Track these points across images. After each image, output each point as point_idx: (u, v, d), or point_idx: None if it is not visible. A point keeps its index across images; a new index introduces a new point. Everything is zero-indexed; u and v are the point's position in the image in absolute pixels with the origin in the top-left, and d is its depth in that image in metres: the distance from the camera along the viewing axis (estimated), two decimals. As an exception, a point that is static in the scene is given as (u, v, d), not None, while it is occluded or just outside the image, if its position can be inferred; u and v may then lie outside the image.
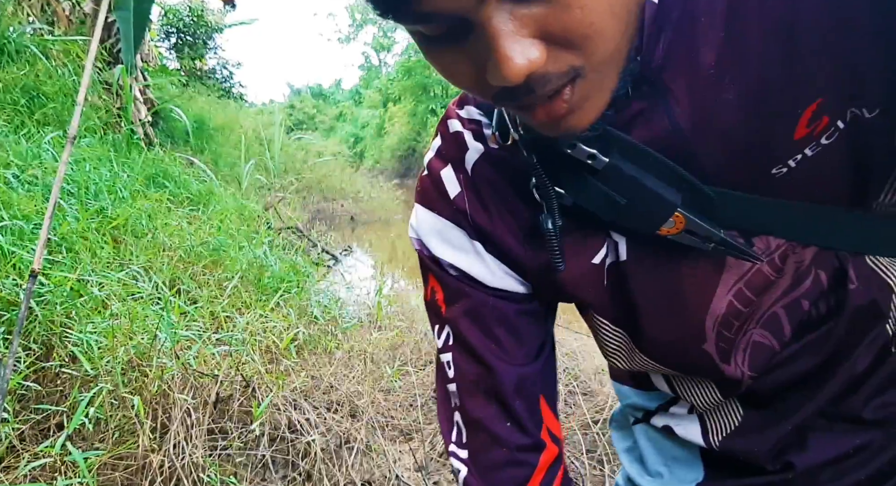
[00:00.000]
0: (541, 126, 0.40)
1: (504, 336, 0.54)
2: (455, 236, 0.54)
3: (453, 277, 0.55)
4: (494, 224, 0.53)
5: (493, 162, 0.53)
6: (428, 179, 0.56)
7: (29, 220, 2.16)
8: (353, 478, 1.90)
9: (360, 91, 37.33)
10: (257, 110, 15.23)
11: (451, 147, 0.55)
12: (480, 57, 0.34)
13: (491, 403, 0.55)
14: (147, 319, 2.00)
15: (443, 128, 0.56)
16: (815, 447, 0.52)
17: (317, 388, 2.24)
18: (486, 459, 0.55)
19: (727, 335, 0.51)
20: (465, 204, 0.54)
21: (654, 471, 0.65)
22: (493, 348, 0.54)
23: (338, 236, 7.15)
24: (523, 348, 0.55)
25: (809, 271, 0.48)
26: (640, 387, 0.65)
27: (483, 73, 0.35)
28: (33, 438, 1.65)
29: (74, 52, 4.12)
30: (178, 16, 11.09)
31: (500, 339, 0.54)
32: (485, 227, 0.53)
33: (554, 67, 0.34)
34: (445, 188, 0.54)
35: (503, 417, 0.54)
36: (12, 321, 1.71)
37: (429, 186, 0.56)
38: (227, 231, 3.39)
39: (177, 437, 1.70)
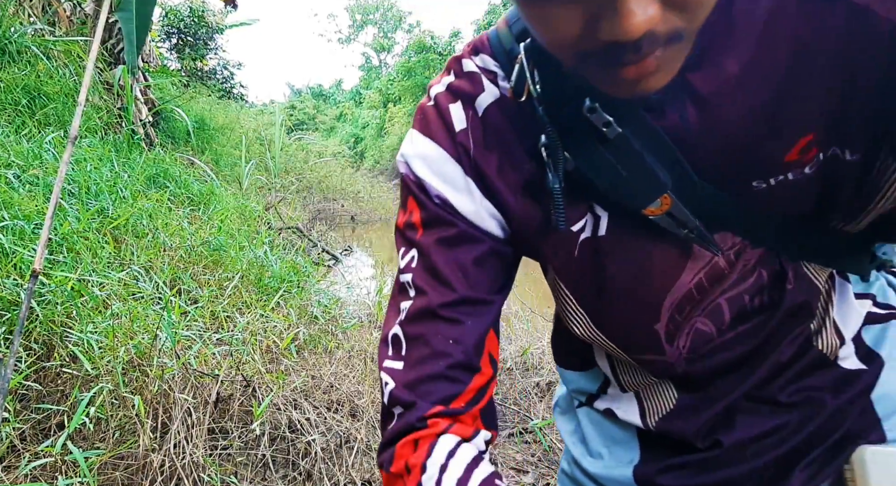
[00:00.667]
0: (617, 84, 0.40)
1: (471, 268, 0.54)
2: (450, 169, 0.55)
3: (436, 204, 0.55)
4: (492, 168, 0.54)
5: (505, 110, 0.53)
6: (433, 110, 0.56)
7: (30, 220, 2.16)
8: (354, 478, 1.90)
9: (360, 91, 37.34)
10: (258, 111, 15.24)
11: (465, 84, 0.55)
12: (596, 9, 0.36)
13: (440, 322, 0.54)
14: (148, 318, 2.00)
15: (456, 65, 0.56)
16: (741, 425, 0.57)
17: (317, 387, 2.24)
18: (419, 370, 0.53)
19: (678, 318, 0.55)
20: (468, 141, 0.54)
21: (595, 452, 0.68)
22: (459, 276, 0.54)
23: (338, 236, 7.15)
24: (487, 284, 0.55)
25: (754, 270, 0.53)
26: (584, 368, 0.69)
27: (590, 27, 0.36)
28: (34, 437, 1.65)
29: (75, 52, 4.13)
30: (179, 16, 11.10)
31: (467, 269, 0.54)
32: (483, 167, 0.54)
33: (663, 27, 0.36)
34: (452, 121, 0.55)
35: (449, 335, 0.53)
36: (13, 321, 1.71)
37: (433, 115, 0.56)
38: (228, 231, 3.39)
39: (177, 436, 1.71)
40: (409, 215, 0.57)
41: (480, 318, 0.55)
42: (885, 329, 0.59)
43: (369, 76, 37.66)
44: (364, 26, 39.02)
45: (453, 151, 0.55)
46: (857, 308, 0.57)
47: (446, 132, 0.55)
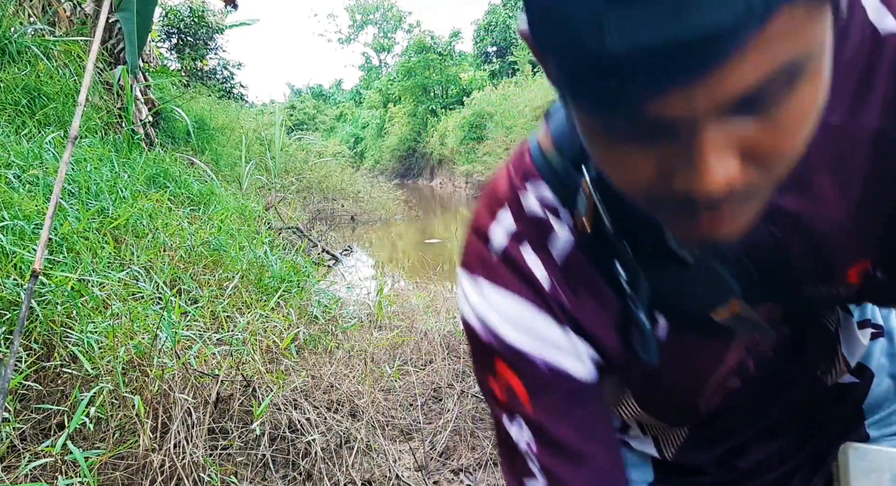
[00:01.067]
0: (690, 233, 0.37)
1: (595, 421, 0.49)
2: (542, 324, 0.48)
3: (541, 370, 0.47)
4: (588, 314, 0.49)
5: (583, 250, 0.48)
6: (499, 258, 0.48)
7: (30, 220, 2.16)
8: (354, 478, 1.90)
9: (360, 92, 37.33)
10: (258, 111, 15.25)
11: (532, 229, 0.48)
12: (671, 159, 0.32)
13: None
14: (148, 319, 2.00)
15: (514, 203, 0.49)
16: (756, 452, 0.61)
17: (317, 387, 2.24)
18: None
19: (716, 389, 0.56)
20: (558, 294, 0.48)
21: None
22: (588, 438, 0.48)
23: (338, 236, 7.15)
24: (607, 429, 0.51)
25: (777, 326, 0.52)
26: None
27: (666, 174, 0.33)
28: (34, 437, 1.65)
29: (75, 52, 4.13)
30: (179, 16, 11.10)
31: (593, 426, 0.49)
32: (580, 318, 0.49)
33: (742, 184, 0.32)
34: (529, 269, 0.48)
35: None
36: (13, 321, 1.71)
37: (499, 263, 0.48)
38: (228, 231, 3.39)
39: (177, 436, 1.71)
40: (506, 387, 0.49)
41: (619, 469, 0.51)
42: (873, 345, 0.62)
43: (369, 76, 37.65)
44: (364, 26, 39.01)
45: (540, 302, 0.48)
46: (860, 338, 0.58)
47: (524, 283, 0.48)
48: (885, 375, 0.63)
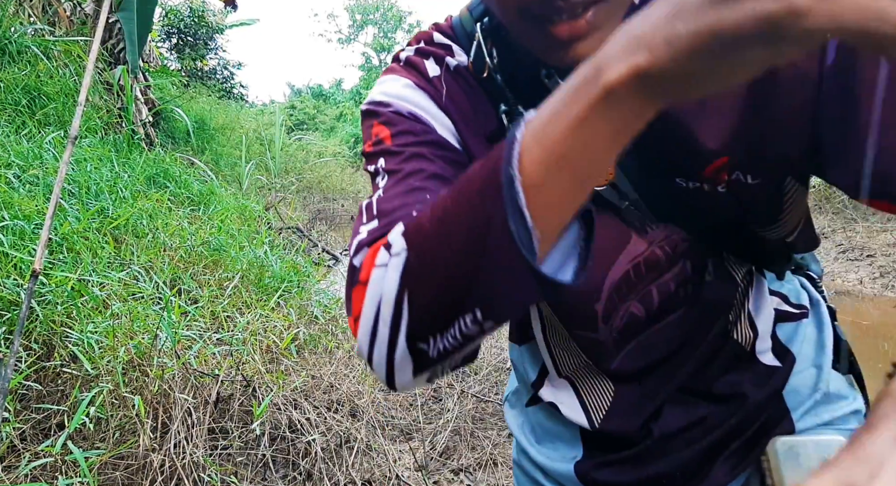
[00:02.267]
0: (552, 46, 0.43)
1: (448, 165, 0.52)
2: (417, 95, 0.55)
3: (406, 118, 0.54)
4: (461, 113, 0.55)
5: (470, 76, 0.56)
6: (404, 65, 0.58)
7: (30, 220, 2.16)
8: (354, 477, 1.90)
9: (360, 91, 37.31)
10: (258, 111, 15.23)
11: (437, 49, 0.58)
12: None
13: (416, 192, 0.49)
14: (148, 318, 2.00)
15: (426, 37, 0.59)
16: (669, 415, 0.61)
17: (317, 387, 2.24)
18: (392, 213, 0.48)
19: (615, 299, 0.58)
20: (441, 84, 0.56)
21: (540, 445, 0.73)
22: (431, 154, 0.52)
23: (338, 236, 7.15)
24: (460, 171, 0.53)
25: (679, 260, 0.56)
26: (523, 341, 0.73)
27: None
28: (34, 437, 1.65)
29: (75, 52, 4.13)
30: (179, 16, 11.10)
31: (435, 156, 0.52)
32: (452, 110, 0.55)
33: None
34: (426, 69, 0.56)
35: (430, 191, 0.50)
36: (13, 321, 1.71)
37: (401, 67, 0.57)
38: (228, 231, 3.39)
39: (177, 436, 1.71)
40: (375, 137, 0.54)
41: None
42: (797, 327, 0.64)
43: (369, 76, 37.63)
44: (364, 26, 39.02)
45: (427, 89, 0.55)
46: (769, 303, 0.61)
47: (420, 75, 0.56)
48: (809, 363, 0.63)
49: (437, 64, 0.57)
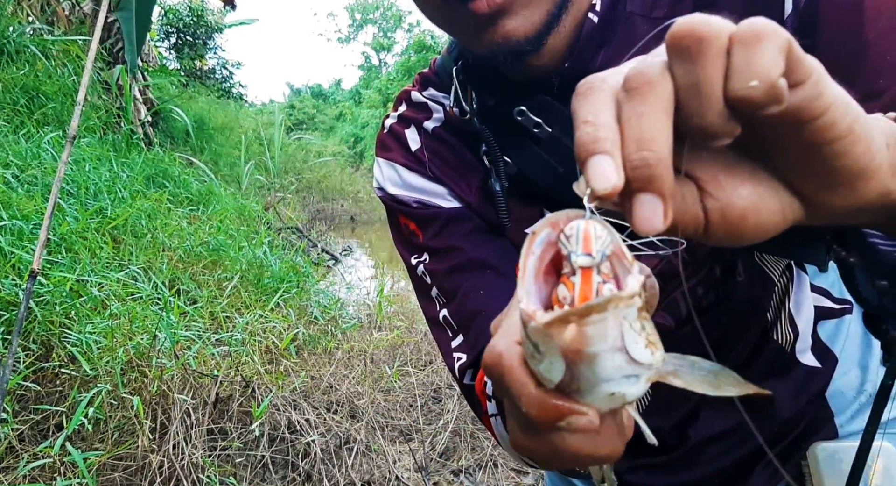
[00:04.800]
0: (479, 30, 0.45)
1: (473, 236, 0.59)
2: (411, 177, 0.62)
3: (416, 209, 0.62)
4: (449, 175, 0.60)
5: (451, 128, 0.60)
6: (389, 136, 0.64)
7: (28, 220, 2.16)
8: (353, 478, 1.89)
9: (359, 91, 37.30)
10: (257, 110, 15.22)
11: (414, 113, 0.63)
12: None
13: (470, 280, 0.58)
14: (146, 319, 1.99)
15: (406, 97, 0.64)
16: (705, 420, 0.59)
17: (316, 388, 2.24)
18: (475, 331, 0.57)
19: None
20: (423, 156, 0.61)
21: None
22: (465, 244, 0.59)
23: (337, 237, 7.15)
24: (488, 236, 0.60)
25: (706, 264, 0.54)
26: None
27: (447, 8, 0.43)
28: (32, 438, 1.64)
29: (74, 52, 4.12)
30: (178, 16, 11.09)
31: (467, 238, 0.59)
32: (441, 175, 0.61)
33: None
34: (407, 142, 0.62)
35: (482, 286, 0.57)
36: (11, 321, 1.71)
37: (390, 140, 0.64)
38: (227, 231, 3.38)
39: (176, 437, 1.70)
40: (405, 227, 0.63)
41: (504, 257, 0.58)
42: (839, 325, 0.60)
43: (369, 76, 37.63)
44: (364, 26, 39.01)
45: (412, 165, 0.62)
46: (810, 300, 0.58)
47: (403, 151, 0.62)
48: (853, 364, 0.59)
49: (417, 132, 0.62)
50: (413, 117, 0.63)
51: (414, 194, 0.62)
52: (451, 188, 0.61)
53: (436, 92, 0.62)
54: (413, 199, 0.62)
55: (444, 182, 0.61)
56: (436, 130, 0.61)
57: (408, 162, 0.62)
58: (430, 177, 0.61)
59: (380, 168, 0.65)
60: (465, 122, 0.57)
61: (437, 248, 0.61)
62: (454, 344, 0.59)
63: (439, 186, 0.61)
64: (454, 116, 0.59)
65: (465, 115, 0.57)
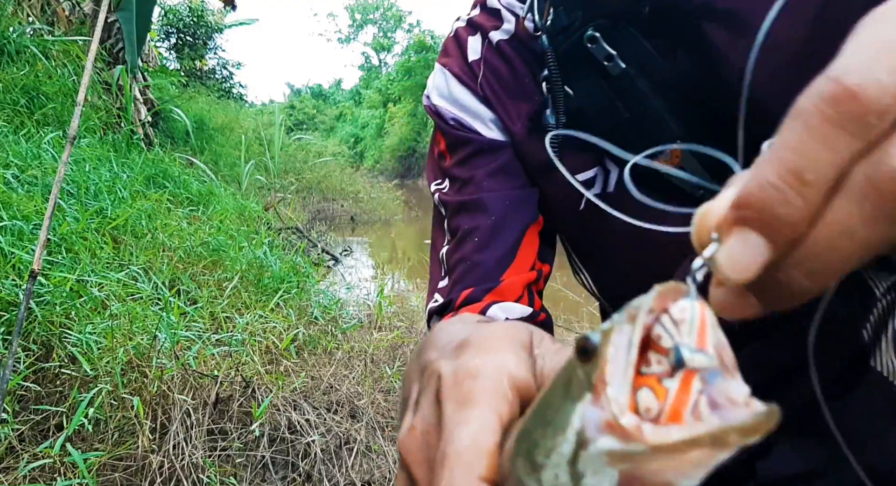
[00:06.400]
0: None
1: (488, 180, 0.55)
2: (460, 93, 0.57)
3: (451, 126, 0.57)
4: (500, 95, 0.56)
5: (518, 46, 0.55)
6: (452, 41, 0.60)
7: (28, 220, 2.16)
8: (353, 479, 1.89)
9: (360, 91, 37.30)
10: (257, 110, 15.23)
11: (484, 19, 0.58)
12: None
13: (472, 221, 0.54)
14: (147, 319, 1.99)
15: (482, 1, 0.59)
16: (779, 456, 0.49)
17: (317, 388, 2.24)
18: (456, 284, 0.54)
19: None
20: (479, 68, 0.57)
21: None
22: (485, 184, 0.55)
23: (337, 237, 7.15)
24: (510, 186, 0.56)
25: None
26: None
27: None
28: (33, 438, 1.64)
29: (74, 52, 4.12)
30: (178, 16, 11.09)
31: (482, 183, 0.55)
32: (489, 94, 0.56)
33: None
34: (467, 50, 0.58)
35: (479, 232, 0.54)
36: (12, 322, 1.71)
37: (451, 45, 0.60)
38: (227, 231, 3.38)
39: (176, 438, 1.70)
40: (438, 145, 0.60)
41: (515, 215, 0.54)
42: None
43: (369, 76, 37.63)
44: (364, 26, 39.03)
45: (465, 78, 0.57)
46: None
47: (461, 61, 0.58)
48: None
49: (481, 41, 0.57)
50: (481, 24, 0.57)
51: (454, 110, 0.57)
52: (497, 114, 0.56)
53: (514, 0, 0.56)
54: (452, 115, 0.57)
55: (492, 105, 0.56)
56: (501, 43, 0.56)
57: (461, 73, 0.57)
58: (478, 95, 0.57)
59: (433, 75, 0.61)
60: (533, 39, 0.51)
61: (456, 176, 0.57)
62: (440, 285, 0.57)
63: (485, 108, 0.56)
64: (524, 31, 0.53)
65: (536, 31, 0.50)
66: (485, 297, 0.51)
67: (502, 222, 0.54)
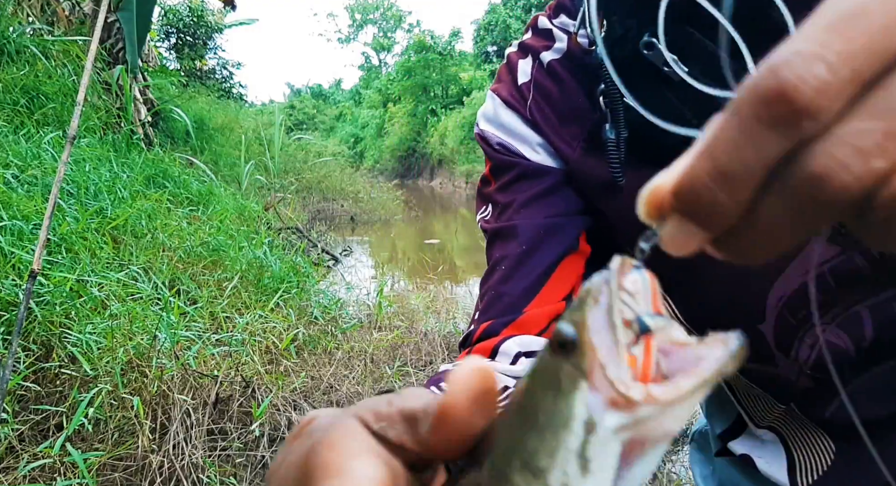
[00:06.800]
0: None
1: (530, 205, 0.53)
2: (507, 117, 0.56)
3: (496, 150, 0.56)
4: (551, 118, 0.54)
5: (571, 65, 0.53)
6: (505, 66, 0.59)
7: (28, 220, 2.16)
8: (353, 479, 1.89)
9: (359, 91, 37.30)
10: (257, 110, 15.24)
11: (537, 40, 0.56)
12: None
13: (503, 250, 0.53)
14: (146, 319, 1.99)
15: (534, 24, 0.58)
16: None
17: (316, 388, 2.24)
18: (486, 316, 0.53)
19: (790, 321, 0.44)
20: (528, 91, 0.55)
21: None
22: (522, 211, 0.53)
23: (337, 237, 7.15)
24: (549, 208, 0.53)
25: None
26: None
27: None
28: (33, 438, 1.64)
29: (74, 52, 4.12)
30: (178, 16, 11.09)
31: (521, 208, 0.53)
32: (539, 117, 0.54)
33: None
34: (517, 75, 0.57)
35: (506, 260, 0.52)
36: (11, 322, 1.70)
37: (503, 71, 0.59)
38: (227, 231, 3.38)
39: (176, 437, 1.70)
40: (485, 170, 0.59)
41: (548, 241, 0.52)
42: None
43: (369, 76, 37.64)
44: (364, 26, 39.03)
45: (513, 102, 0.56)
46: None
47: (510, 86, 0.57)
48: None
49: (531, 63, 0.56)
50: (532, 46, 0.56)
51: (500, 134, 0.56)
52: (547, 138, 0.54)
53: (566, 19, 0.54)
54: (497, 139, 0.56)
55: (541, 129, 0.54)
56: (552, 64, 0.54)
57: (509, 97, 0.56)
58: (526, 119, 0.55)
59: (486, 100, 0.60)
60: (586, 54, 0.49)
61: (497, 202, 0.55)
62: (475, 316, 0.55)
63: (533, 132, 0.54)
64: (577, 47, 0.51)
65: (591, 45, 0.48)
66: (502, 331, 0.49)
67: (532, 251, 0.52)
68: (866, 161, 0.15)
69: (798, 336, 0.44)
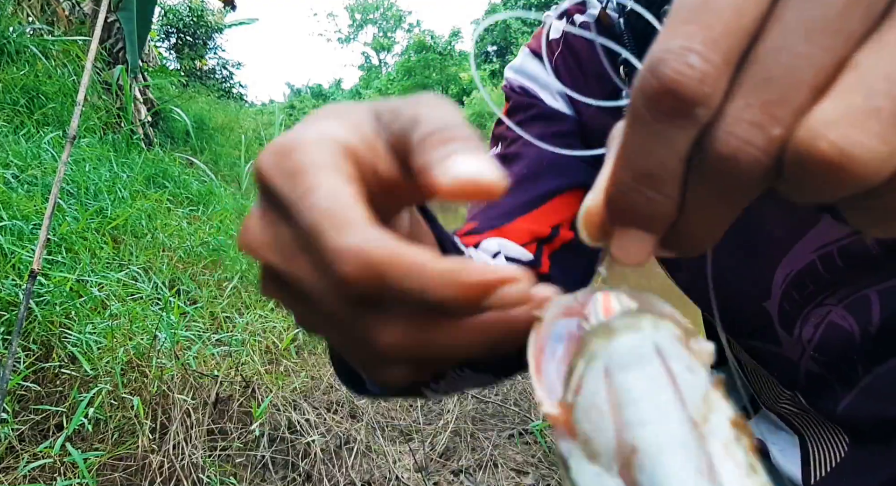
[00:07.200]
0: None
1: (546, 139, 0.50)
2: (532, 66, 0.57)
3: (517, 94, 0.57)
4: (574, 73, 0.55)
5: (599, 29, 0.54)
6: (541, 29, 0.60)
7: (28, 220, 2.16)
8: (353, 479, 1.89)
9: (359, 91, 37.30)
10: (257, 110, 15.23)
11: (575, 7, 0.58)
12: None
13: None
14: (146, 319, 1.99)
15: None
16: None
17: (317, 388, 2.24)
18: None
19: (795, 298, 0.43)
20: (557, 45, 0.57)
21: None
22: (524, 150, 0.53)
23: (338, 237, 7.14)
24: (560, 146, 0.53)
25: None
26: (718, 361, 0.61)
27: None
28: (32, 438, 1.64)
29: (74, 52, 4.12)
30: (178, 16, 11.09)
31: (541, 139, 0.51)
32: (564, 73, 0.56)
33: None
34: (550, 31, 0.59)
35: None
36: (11, 322, 1.70)
37: (539, 32, 0.60)
38: (227, 231, 3.38)
39: (176, 437, 1.70)
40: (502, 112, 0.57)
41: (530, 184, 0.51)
42: None
43: (369, 76, 37.64)
44: (364, 26, 39.05)
45: (540, 52, 0.58)
46: None
47: (542, 40, 0.58)
48: None
49: (565, 21, 0.58)
50: (568, 10, 0.58)
51: (522, 79, 0.57)
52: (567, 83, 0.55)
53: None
54: (519, 83, 0.57)
55: (563, 80, 0.55)
56: (584, 24, 0.56)
57: (538, 48, 0.58)
58: (551, 68, 0.57)
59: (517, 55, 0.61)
60: (611, 27, 0.51)
61: (507, 136, 0.55)
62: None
63: (555, 80, 0.56)
64: (604, 18, 0.52)
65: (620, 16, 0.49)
66: (486, 232, 0.49)
67: (533, 177, 0.51)
68: (763, 131, 0.15)
69: (802, 315, 0.44)
